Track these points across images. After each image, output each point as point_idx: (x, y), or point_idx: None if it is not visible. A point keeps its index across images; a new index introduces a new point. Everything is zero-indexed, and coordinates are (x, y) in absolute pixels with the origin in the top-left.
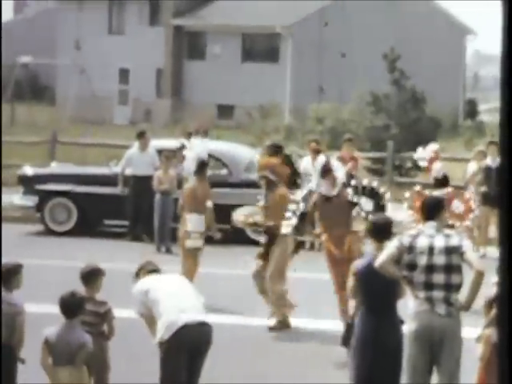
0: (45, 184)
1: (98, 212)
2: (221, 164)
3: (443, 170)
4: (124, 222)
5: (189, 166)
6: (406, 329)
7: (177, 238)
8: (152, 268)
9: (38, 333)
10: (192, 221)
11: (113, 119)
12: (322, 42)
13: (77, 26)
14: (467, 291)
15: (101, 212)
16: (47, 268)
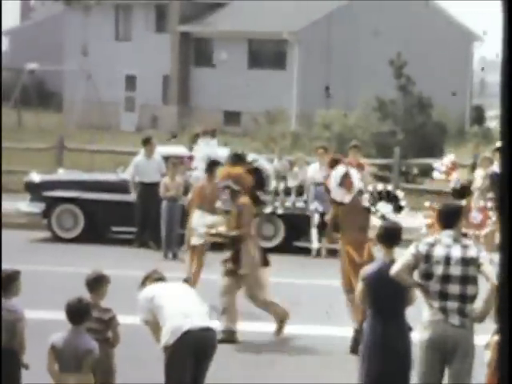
0: (52, 190)
1: (105, 219)
2: None
3: (461, 181)
4: (131, 229)
5: (197, 166)
6: (416, 336)
7: (184, 244)
8: (158, 276)
9: (44, 339)
10: (197, 217)
11: (119, 125)
12: (329, 48)
13: (84, 32)
14: (482, 303)
15: (108, 219)
16: (54, 274)
